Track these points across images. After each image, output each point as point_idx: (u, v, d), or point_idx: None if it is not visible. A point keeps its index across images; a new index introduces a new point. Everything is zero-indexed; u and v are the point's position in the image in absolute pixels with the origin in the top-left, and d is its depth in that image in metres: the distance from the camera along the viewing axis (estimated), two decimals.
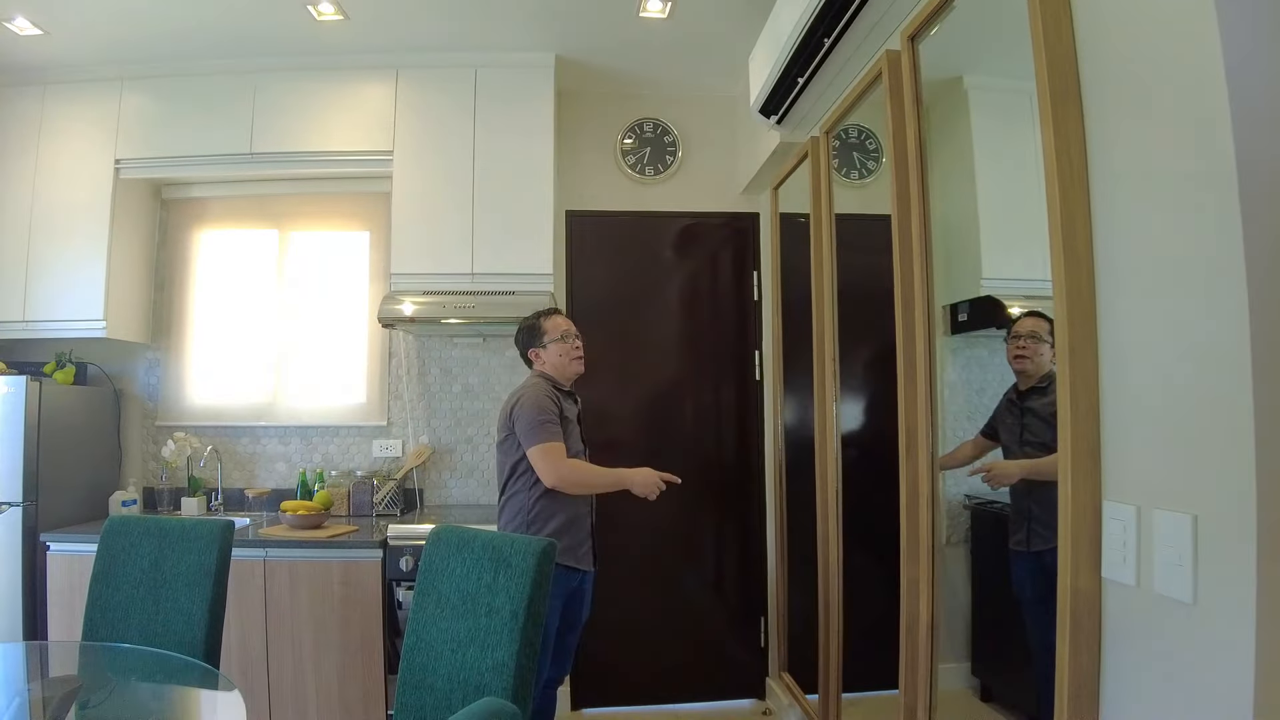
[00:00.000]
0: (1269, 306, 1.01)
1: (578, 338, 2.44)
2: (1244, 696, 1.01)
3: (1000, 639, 2.16)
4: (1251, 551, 1.00)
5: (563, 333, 2.41)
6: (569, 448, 2.30)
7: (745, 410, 3.35)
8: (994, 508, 2.32)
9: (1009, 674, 2.08)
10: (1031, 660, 2.00)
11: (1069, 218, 1.32)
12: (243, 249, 3.27)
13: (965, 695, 2.36)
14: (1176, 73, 1.10)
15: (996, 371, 2.23)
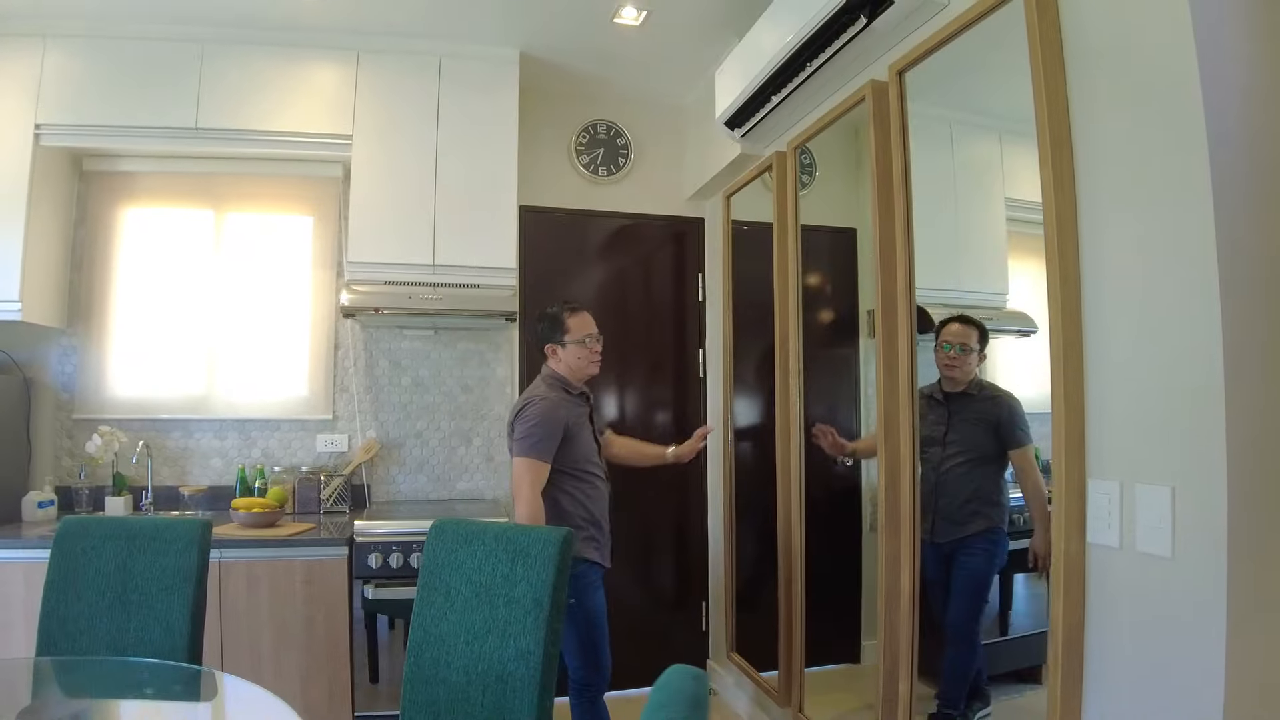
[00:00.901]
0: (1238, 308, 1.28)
1: (599, 339, 2.46)
2: (1217, 631, 1.26)
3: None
4: (1223, 514, 1.26)
5: (585, 335, 2.41)
6: (579, 453, 2.34)
7: (686, 404, 3.53)
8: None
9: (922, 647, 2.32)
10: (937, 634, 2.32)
11: (1062, 242, 1.57)
12: (173, 229, 3.04)
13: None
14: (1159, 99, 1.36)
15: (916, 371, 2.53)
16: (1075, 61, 1.59)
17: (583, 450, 2.37)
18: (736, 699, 3.13)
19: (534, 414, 2.27)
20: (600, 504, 2.40)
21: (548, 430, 2.26)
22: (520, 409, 2.33)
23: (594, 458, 2.42)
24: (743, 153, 2.94)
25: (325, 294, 3.12)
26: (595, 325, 2.47)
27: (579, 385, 2.44)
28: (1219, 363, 1.27)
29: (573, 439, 2.33)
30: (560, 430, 2.30)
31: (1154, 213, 1.39)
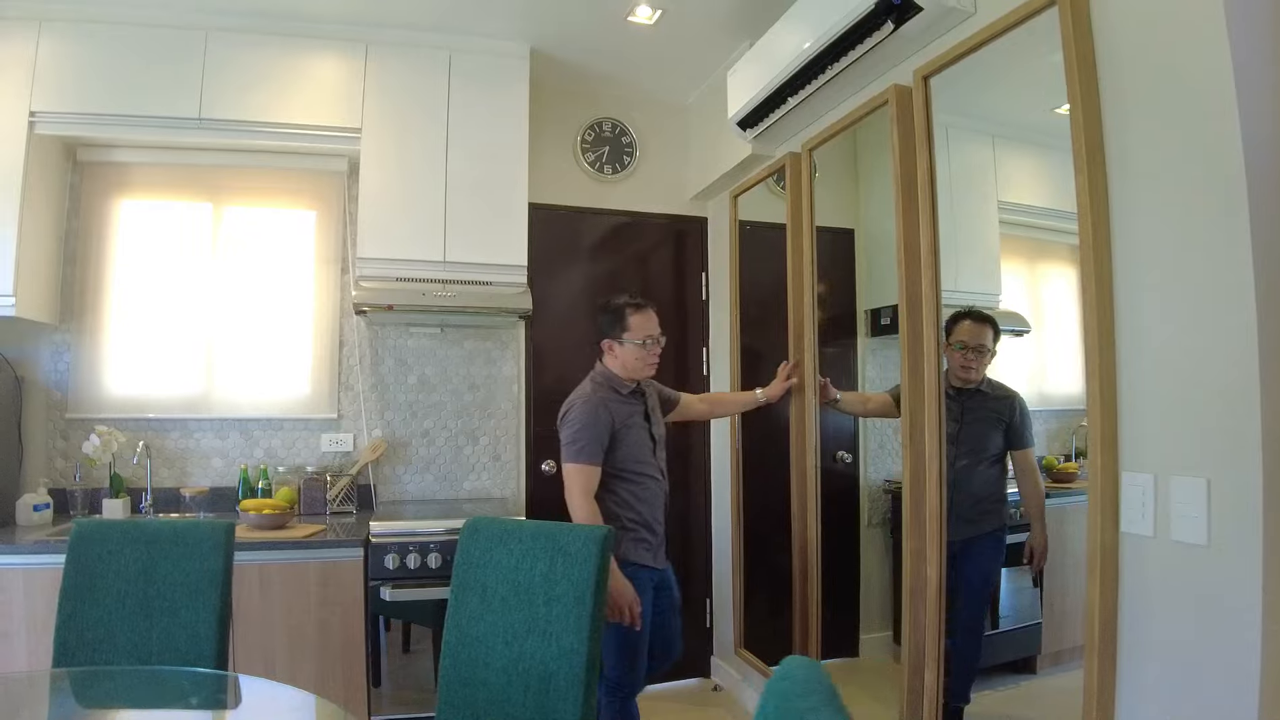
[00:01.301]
0: (1272, 304, 1.38)
1: (659, 340, 2.41)
2: (1252, 615, 1.36)
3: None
4: (1259, 504, 1.36)
5: (646, 336, 2.36)
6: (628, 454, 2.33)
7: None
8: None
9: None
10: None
11: (1097, 245, 1.67)
12: (170, 222, 2.98)
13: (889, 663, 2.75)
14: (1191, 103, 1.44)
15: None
16: (1107, 67, 1.67)
17: (632, 451, 2.36)
18: (745, 695, 3.20)
19: (576, 418, 2.28)
20: (652, 505, 2.40)
21: (592, 434, 2.27)
22: (564, 414, 2.34)
23: (646, 457, 2.39)
24: (753, 153, 3.00)
25: (329, 290, 3.09)
26: (658, 325, 2.42)
27: (630, 383, 2.40)
28: (1254, 358, 1.37)
29: (621, 440, 2.32)
30: (606, 433, 2.29)
31: (1187, 214, 1.48)
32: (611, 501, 2.32)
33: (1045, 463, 2.32)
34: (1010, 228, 2.33)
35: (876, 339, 2.88)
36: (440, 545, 2.59)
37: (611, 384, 2.37)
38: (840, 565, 2.88)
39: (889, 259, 2.74)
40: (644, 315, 2.39)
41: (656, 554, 2.38)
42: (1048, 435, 2.30)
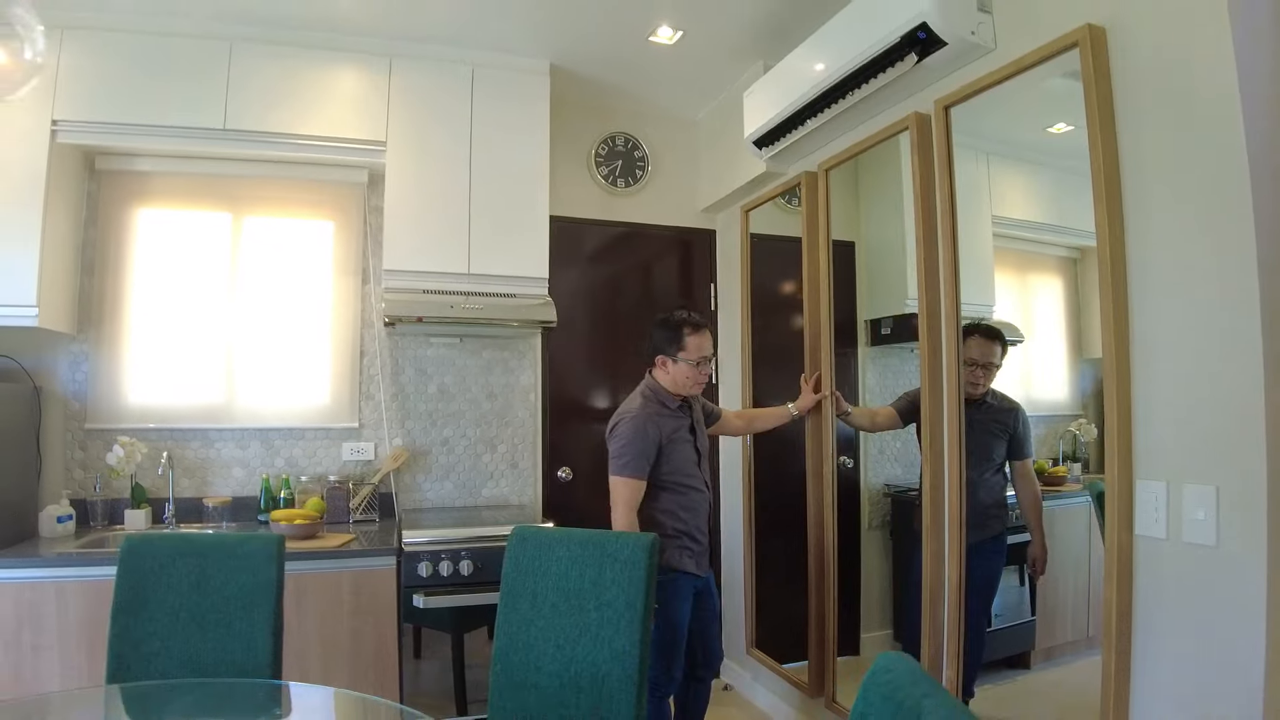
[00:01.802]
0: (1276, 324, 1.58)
1: (710, 361, 2.53)
2: (1258, 609, 1.55)
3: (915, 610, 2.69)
4: (1263, 508, 1.55)
5: (700, 357, 2.49)
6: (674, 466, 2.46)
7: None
8: (910, 494, 2.93)
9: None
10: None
11: (1115, 272, 1.85)
12: (189, 232, 3.02)
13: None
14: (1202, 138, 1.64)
15: (907, 378, 2.82)
16: (1124, 106, 1.85)
17: (678, 463, 2.48)
18: (755, 693, 3.36)
19: (624, 433, 2.41)
20: (696, 514, 2.53)
21: (639, 449, 2.39)
22: (613, 427, 2.47)
23: (691, 469, 2.52)
24: (766, 171, 3.16)
25: (348, 300, 3.16)
26: (712, 345, 2.54)
27: (678, 398, 2.52)
28: (1258, 375, 1.56)
29: (668, 453, 2.45)
30: (653, 448, 2.41)
31: (1196, 242, 1.67)
32: (657, 510, 2.46)
33: (1037, 466, 2.52)
34: (1002, 241, 2.53)
35: (876, 348, 3.06)
36: (472, 553, 2.69)
37: (660, 398, 2.51)
38: (842, 567, 3.05)
39: (889, 271, 2.95)
40: (701, 337, 2.51)
41: (700, 561, 2.52)
42: (1037, 440, 2.50)
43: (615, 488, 2.40)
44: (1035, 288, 2.51)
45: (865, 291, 3.08)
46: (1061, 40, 1.94)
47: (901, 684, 1.14)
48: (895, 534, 3.08)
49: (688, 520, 2.49)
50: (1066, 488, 2.53)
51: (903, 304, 3.00)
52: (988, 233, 2.59)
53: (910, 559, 2.93)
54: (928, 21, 2.18)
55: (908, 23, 2.23)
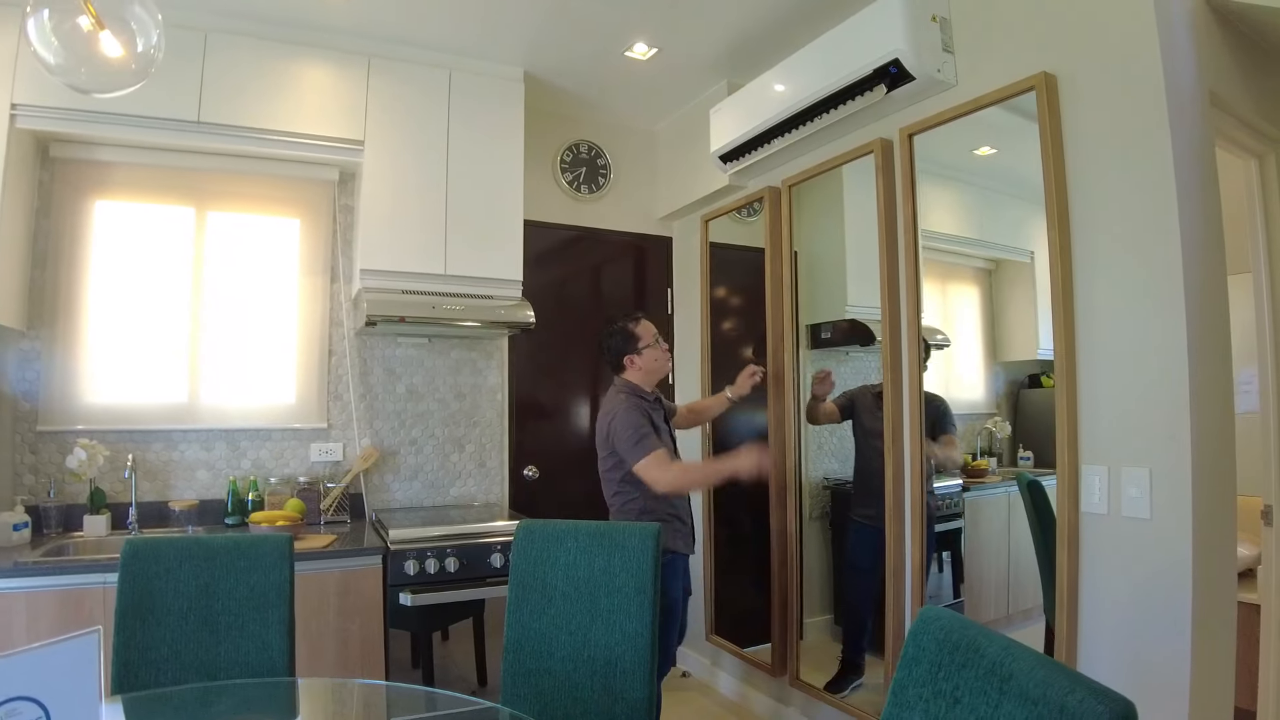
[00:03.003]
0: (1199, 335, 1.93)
1: (661, 338, 2.80)
2: (1185, 570, 1.89)
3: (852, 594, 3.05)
4: (1189, 487, 1.90)
5: (654, 337, 2.75)
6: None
7: None
8: (847, 486, 3.24)
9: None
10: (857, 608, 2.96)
11: (1065, 286, 2.17)
12: (150, 225, 2.93)
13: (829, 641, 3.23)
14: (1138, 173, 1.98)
15: (845, 379, 3.14)
16: (1071, 141, 2.17)
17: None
18: (716, 679, 3.57)
19: (625, 422, 2.58)
20: (680, 496, 2.75)
21: (646, 429, 2.59)
22: (610, 425, 2.62)
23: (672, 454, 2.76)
24: (729, 184, 3.39)
25: (316, 299, 3.15)
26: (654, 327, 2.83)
27: (651, 391, 2.75)
28: (1185, 377, 1.90)
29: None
30: (650, 423, 2.63)
31: (1132, 258, 2.01)
32: (648, 497, 2.64)
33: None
34: (927, 253, 2.83)
35: (817, 351, 3.34)
36: (458, 550, 2.76)
37: (638, 393, 2.71)
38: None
39: (830, 279, 3.23)
40: (643, 324, 2.80)
41: (687, 540, 2.75)
42: (959, 436, 2.83)
43: (648, 470, 2.54)
44: (955, 296, 2.81)
45: (806, 298, 3.35)
46: (1021, 84, 2.25)
47: (953, 628, 1.36)
48: (834, 524, 3.37)
49: (675, 503, 2.71)
50: (988, 480, 2.87)
51: (842, 310, 3.29)
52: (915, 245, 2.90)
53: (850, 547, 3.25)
54: (900, 58, 2.46)
55: (882, 57, 2.51)
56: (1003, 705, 1.19)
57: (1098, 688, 1.09)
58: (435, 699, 2.17)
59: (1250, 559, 2.77)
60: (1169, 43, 1.97)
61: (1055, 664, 1.17)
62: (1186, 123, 1.99)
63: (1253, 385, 2.53)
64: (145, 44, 1.36)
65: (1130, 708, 1.04)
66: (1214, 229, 2.09)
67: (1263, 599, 2.52)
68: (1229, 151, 2.40)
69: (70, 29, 1.30)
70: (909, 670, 1.42)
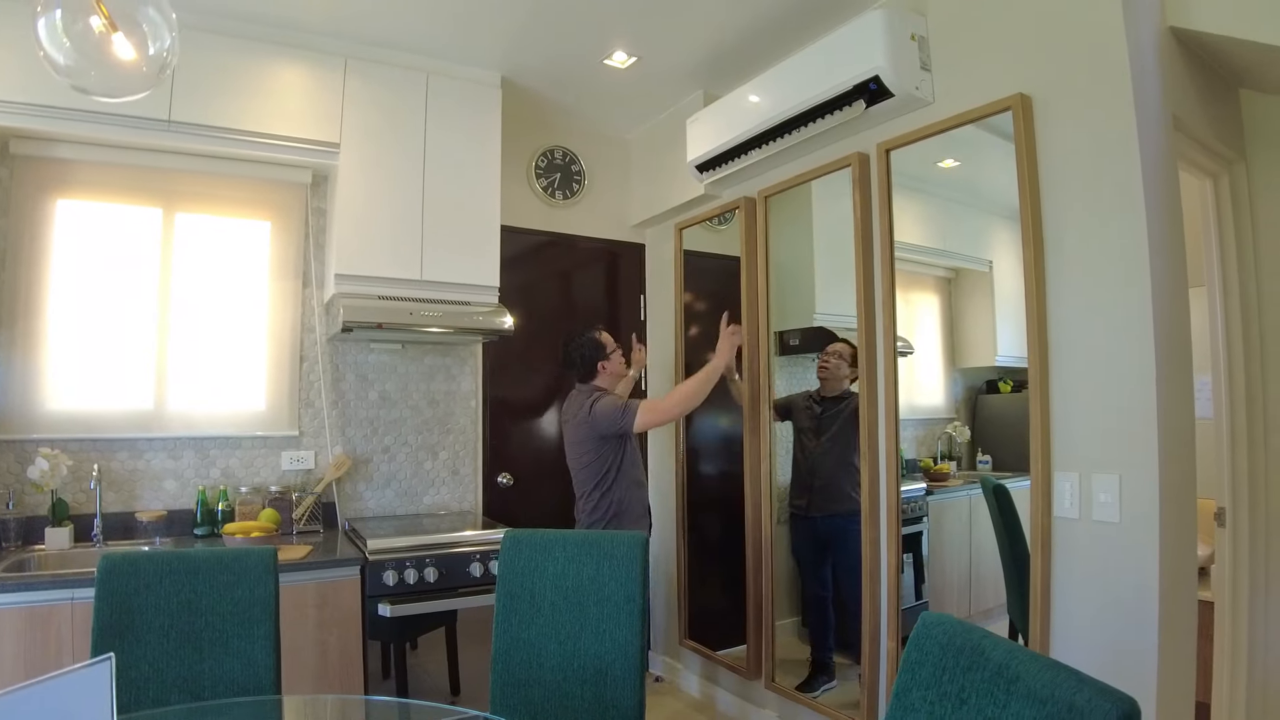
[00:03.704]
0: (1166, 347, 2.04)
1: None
2: (1153, 572, 2.00)
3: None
4: (1156, 492, 2.01)
5: (614, 345, 3.00)
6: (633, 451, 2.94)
7: None
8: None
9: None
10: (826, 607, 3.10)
11: (1038, 301, 2.27)
12: (116, 227, 2.82)
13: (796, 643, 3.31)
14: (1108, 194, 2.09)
15: (811, 384, 3.22)
16: (1045, 161, 2.27)
17: (633, 448, 2.95)
18: (689, 683, 3.61)
19: (608, 403, 2.84)
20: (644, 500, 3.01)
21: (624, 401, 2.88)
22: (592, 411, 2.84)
23: (639, 459, 3.02)
24: (704, 193, 3.44)
25: (287, 304, 3.08)
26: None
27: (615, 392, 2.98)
28: (1151, 387, 2.01)
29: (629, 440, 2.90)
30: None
31: (1102, 271, 2.12)
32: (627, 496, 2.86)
33: (922, 464, 2.96)
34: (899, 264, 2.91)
35: (784, 357, 3.41)
36: (437, 560, 2.74)
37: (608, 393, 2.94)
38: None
39: (798, 287, 3.31)
40: (605, 334, 3.07)
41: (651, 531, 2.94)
42: (918, 440, 2.93)
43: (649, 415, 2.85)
44: (916, 304, 2.90)
45: (775, 305, 3.42)
46: (998, 103, 2.35)
47: (957, 632, 1.41)
48: (792, 532, 3.44)
49: (644, 499, 2.98)
50: (949, 483, 2.97)
51: (810, 318, 3.37)
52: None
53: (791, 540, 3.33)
54: (880, 75, 2.54)
55: (862, 74, 2.58)
56: (1010, 705, 1.25)
57: (1104, 687, 1.15)
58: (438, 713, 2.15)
59: (1204, 558, 2.93)
60: (1138, 68, 2.08)
61: (1061, 665, 1.23)
62: (1153, 144, 2.11)
63: (1206, 393, 2.68)
64: (158, 47, 1.32)
65: (1134, 705, 1.11)
66: (1177, 245, 2.22)
67: (1217, 596, 2.67)
68: (1187, 172, 2.53)
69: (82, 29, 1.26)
70: (912, 674, 1.47)
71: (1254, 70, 2.48)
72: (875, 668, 2.73)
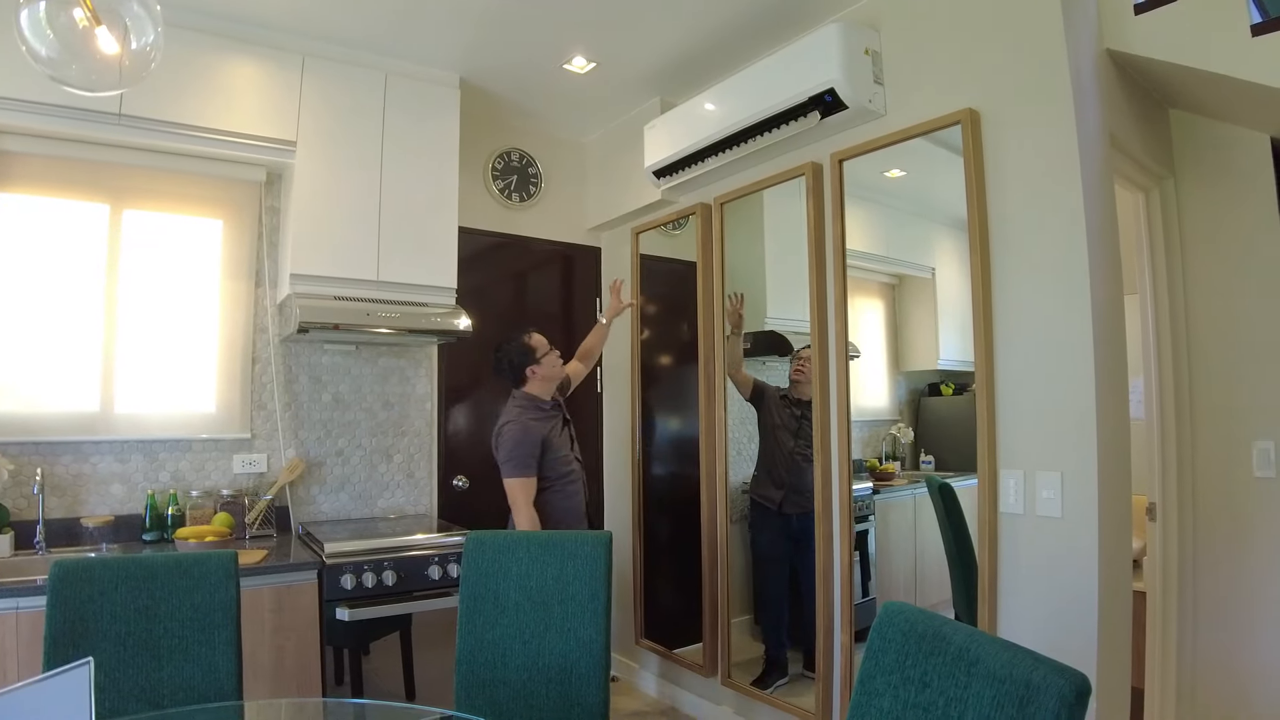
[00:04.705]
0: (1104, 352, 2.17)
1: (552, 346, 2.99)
2: (1092, 563, 2.13)
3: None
4: (1095, 488, 2.13)
5: (548, 346, 2.92)
6: (559, 458, 2.83)
7: (585, 416, 3.99)
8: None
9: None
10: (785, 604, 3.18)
11: (986, 307, 2.38)
12: (60, 223, 2.72)
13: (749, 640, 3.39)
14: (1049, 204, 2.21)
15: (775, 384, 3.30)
16: (992, 173, 2.39)
17: (559, 458, 2.86)
18: (646, 682, 3.65)
19: (509, 437, 2.76)
20: (574, 499, 2.92)
21: (526, 450, 2.76)
22: (496, 436, 2.81)
23: (568, 456, 2.93)
24: (661, 198, 3.49)
25: (239, 304, 3.02)
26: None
27: (550, 399, 2.91)
28: (1091, 391, 2.14)
29: (550, 449, 2.82)
30: (537, 446, 2.79)
31: (1045, 279, 2.24)
32: (553, 505, 2.82)
33: (868, 465, 3.07)
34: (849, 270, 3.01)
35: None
36: (396, 563, 2.72)
37: (534, 404, 2.89)
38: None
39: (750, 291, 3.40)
40: (536, 336, 2.98)
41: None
42: (864, 441, 3.04)
43: (512, 489, 2.76)
44: (862, 310, 3.00)
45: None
46: (948, 117, 2.45)
47: (918, 619, 1.49)
48: (753, 527, 3.52)
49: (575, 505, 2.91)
50: (895, 483, 3.09)
51: (762, 322, 3.46)
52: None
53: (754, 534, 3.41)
54: (835, 87, 2.63)
55: (817, 86, 2.67)
56: (972, 685, 1.33)
57: (1058, 665, 1.24)
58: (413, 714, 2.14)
59: (1137, 551, 3.10)
60: (1079, 88, 2.21)
61: (1018, 647, 1.31)
62: (1092, 159, 2.24)
63: (1139, 395, 2.84)
64: (142, 42, 1.31)
65: (1086, 681, 1.20)
66: (1113, 255, 2.36)
67: (1149, 587, 2.83)
68: (1122, 186, 2.69)
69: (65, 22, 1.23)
70: (875, 661, 1.54)
71: (1183, 92, 2.65)
72: (829, 660, 2.82)
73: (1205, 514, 2.79)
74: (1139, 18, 2.37)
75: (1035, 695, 1.20)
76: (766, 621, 3.33)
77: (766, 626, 3.32)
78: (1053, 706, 1.17)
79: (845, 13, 2.85)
